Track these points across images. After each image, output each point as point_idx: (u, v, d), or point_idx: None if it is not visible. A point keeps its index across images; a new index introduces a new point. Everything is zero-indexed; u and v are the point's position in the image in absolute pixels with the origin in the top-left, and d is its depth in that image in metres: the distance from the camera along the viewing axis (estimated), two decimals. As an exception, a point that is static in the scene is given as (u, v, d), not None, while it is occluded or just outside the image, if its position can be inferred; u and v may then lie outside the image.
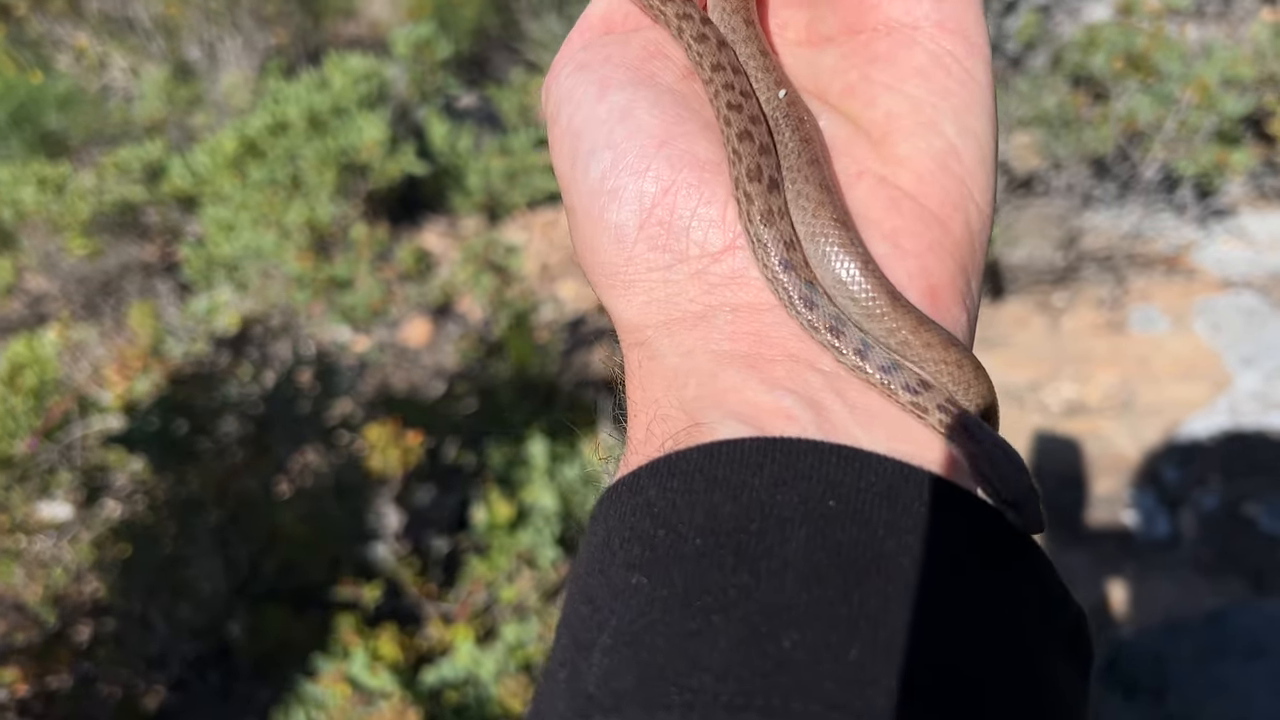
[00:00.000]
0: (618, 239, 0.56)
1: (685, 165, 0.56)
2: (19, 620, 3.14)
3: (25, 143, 6.00)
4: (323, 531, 2.83)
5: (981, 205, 0.57)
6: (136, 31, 7.75)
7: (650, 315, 0.55)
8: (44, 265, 5.37)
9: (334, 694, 2.36)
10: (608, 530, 0.48)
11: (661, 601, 0.43)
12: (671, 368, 0.54)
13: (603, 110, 0.57)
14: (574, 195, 0.58)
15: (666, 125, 0.57)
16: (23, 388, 3.72)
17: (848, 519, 0.45)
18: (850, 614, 0.42)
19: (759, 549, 0.44)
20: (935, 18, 0.56)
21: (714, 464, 0.47)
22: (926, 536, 0.45)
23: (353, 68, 5.66)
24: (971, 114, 0.56)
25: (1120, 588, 2.99)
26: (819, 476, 0.46)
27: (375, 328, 3.95)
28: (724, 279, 0.55)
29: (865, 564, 0.43)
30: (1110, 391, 3.58)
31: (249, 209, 5.00)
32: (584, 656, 0.44)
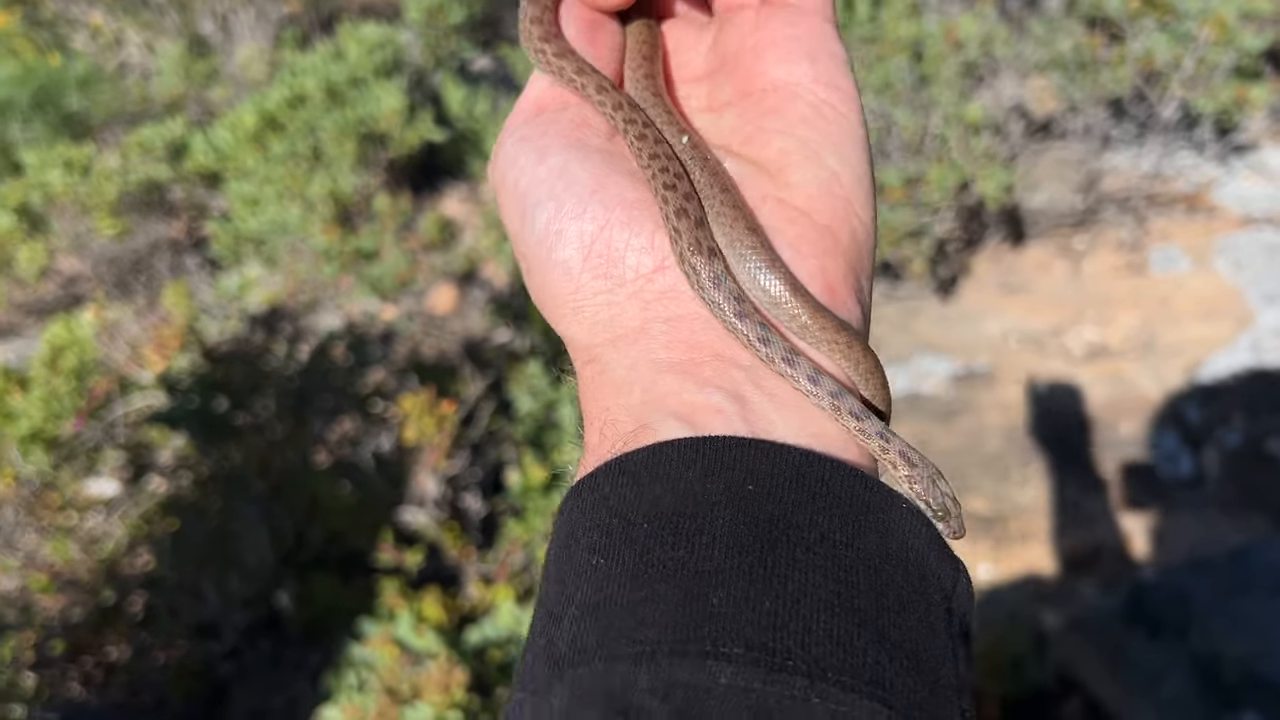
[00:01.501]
0: (565, 273, 0.65)
1: (616, 205, 0.66)
2: (76, 595, 3.26)
3: (49, 125, 6.07)
4: (363, 500, 2.92)
5: (864, 219, 0.68)
6: (150, 7, 7.77)
7: (598, 335, 0.65)
8: (75, 246, 5.45)
9: (382, 656, 2.45)
10: (572, 523, 0.58)
11: (616, 577, 0.53)
12: (619, 379, 0.64)
13: (543, 171, 0.68)
14: (525, 245, 0.68)
15: (597, 177, 0.67)
16: (64, 369, 3.81)
17: (764, 499, 0.54)
18: (765, 574, 0.51)
19: (692, 528, 0.53)
20: (812, 74, 0.69)
21: (656, 462, 0.57)
22: (828, 508, 0.55)
23: (367, 37, 5.68)
24: (847, 147, 0.68)
25: (1144, 528, 3.04)
26: (740, 466, 0.55)
27: (402, 297, 4.01)
28: (657, 295, 0.65)
29: (777, 534, 0.53)
30: (1132, 333, 3.61)
31: (272, 183, 5.06)
32: (556, 626, 0.53)
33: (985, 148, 3.60)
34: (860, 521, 0.55)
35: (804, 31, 0.70)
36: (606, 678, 0.48)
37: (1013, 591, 2.98)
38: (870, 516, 0.56)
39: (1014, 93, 3.93)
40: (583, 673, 0.49)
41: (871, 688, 0.48)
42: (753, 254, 0.65)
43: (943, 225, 3.79)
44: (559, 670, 0.50)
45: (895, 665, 0.50)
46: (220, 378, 3.06)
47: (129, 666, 3.16)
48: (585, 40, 0.73)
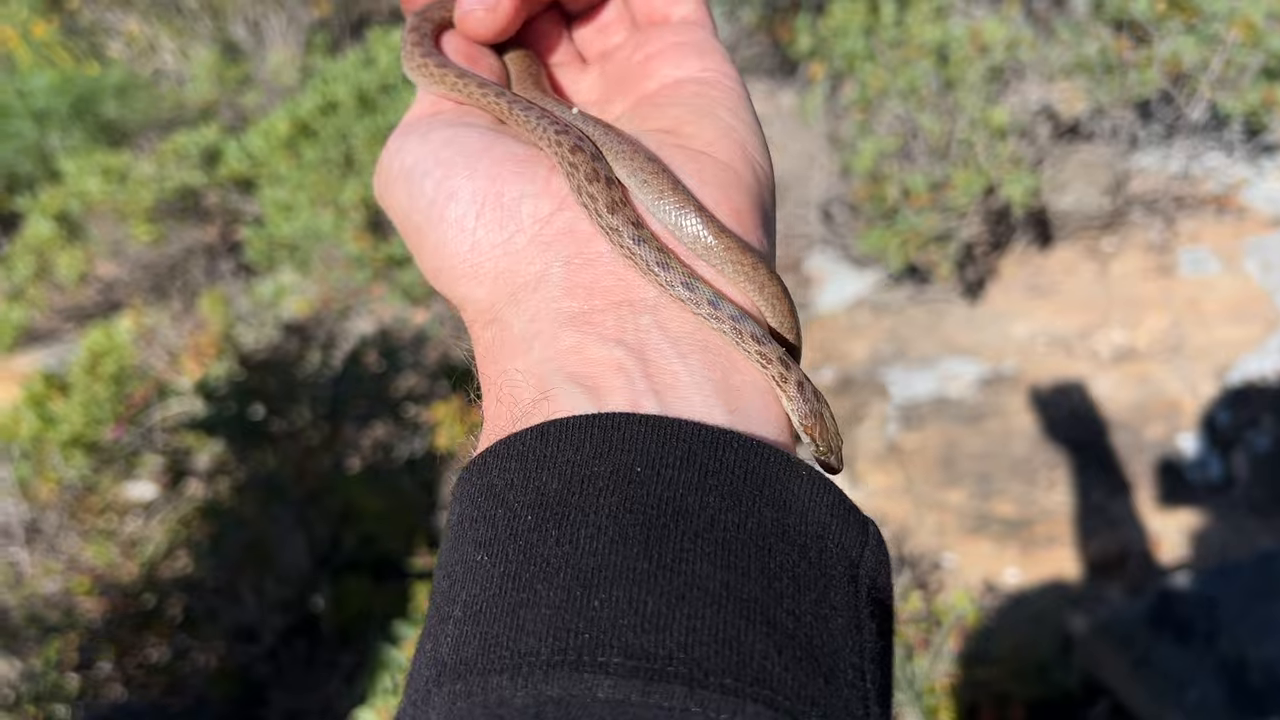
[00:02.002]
0: (460, 230, 0.64)
1: (506, 161, 0.65)
2: (117, 598, 3.33)
3: (86, 132, 6.18)
4: (397, 505, 2.97)
5: (763, 165, 0.69)
6: (184, 13, 7.88)
7: (499, 291, 0.63)
8: (112, 253, 5.55)
9: (416, 660, 2.50)
10: (461, 511, 0.56)
11: (499, 577, 0.50)
12: (518, 335, 0.61)
13: (428, 146, 0.67)
14: (414, 214, 0.66)
15: (485, 141, 0.67)
16: (103, 375, 3.89)
17: (653, 481, 0.51)
18: (650, 568, 0.48)
19: (578, 518, 0.50)
20: (700, 66, 0.71)
21: (544, 444, 0.54)
22: (719, 487, 0.52)
23: (396, 43, 5.73)
24: (739, 107, 0.70)
25: (1171, 532, 3.04)
26: (629, 446, 0.53)
27: (433, 302, 4.07)
28: (556, 234, 0.63)
29: (666, 521, 0.50)
30: (1160, 335, 3.60)
31: (305, 189, 5.13)
32: (442, 628, 0.51)
33: (1011, 152, 3.61)
34: (755, 498, 0.52)
35: (689, 38, 0.73)
36: (484, 692, 0.46)
37: (1039, 595, 2.99)
38: (765, 490, 0.52)
39: (1040, 96, 3.93)
40: (459, 687, 0.47)
41: (756, 687, 0.45)
42: (654, 179, 0.64)
43: (969, 229, 3.80)
44: (439, 680, 0.48)
45: (785, 658, 0.47)
46: (256, 385, 3.12)
47: (168, 668, 3.23)
48: (467, 64, 0.74)
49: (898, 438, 3.44)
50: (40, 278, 5.44)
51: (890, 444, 3.43)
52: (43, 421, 3.81)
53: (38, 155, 6.10)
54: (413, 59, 0.75)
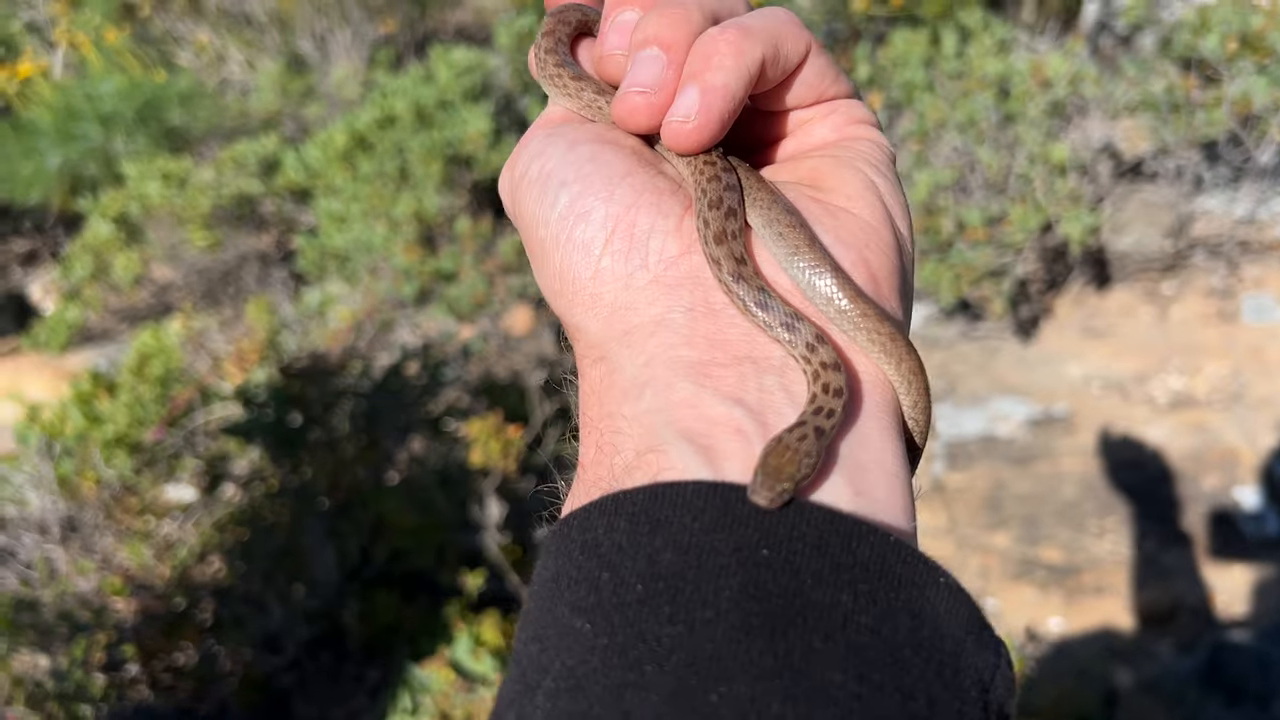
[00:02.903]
0: (585, 254, 0.61)
1: (646, 190, 0.62)
2: (148, 599, 3.33)
3: (150, 138, 6.28)
4: (429, 521, 2.94)
5: (903, 226, 0.65)
6: (253, 26, 8.01)
7: (613, 327, 0.60)
8: (168, 257, 5.62)
9: (438, 679, 2.47)
10: (557, 567, 0.52)
11: (602, 650, 0.46)
12: (630, 378, 0.57)
13: (572, 155, 0.64)
14: (542, 226, 0.63)
15: (629, 165, 0.64)
16: (150, 376, 3.92)
17: (779, 567, 0.47)
18: (775, 665, 0.44)
19: (694, 598, 0.46)
20: (844, 122, 0.68)
21: (657, 506, 0.50)
22: (852, 583, 0.48)
23: (457, 60, 5.77)
24: (882, 165, 0.66)
25: (1225, 587, 2.93)
26: (753, 524, 0.49)
27: (479, 318, 4.06)
28: (679, 280, 0.60)
29: (793, 614, 0.46)
30: (1219, 383, 3.49)
31: (359, 201, 5.16)
32: (529, 698, 0.47)
33: (1071, 189, 3.52)
34: (889, 601, 0.48)
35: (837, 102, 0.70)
36: None
37: (1084, 646, 2.89)
38: (901, 595, 0.48)
39: (1103, 133, 3.85)
40: None
41: None
42: (789, 233, 0.60)
43: (1025, 266, 3.72)
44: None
45: None
46: (296, 393, 3.12)
47: (195, 672, 3.22)
48: None
49: (943, 476, 3.36)
50: (97, 278, 5.52)
51: (935, 483, 3.34)
52: (88, 420, 3.84)
53: (103, 158, 6.21)
54: (545, 67, 0.71)
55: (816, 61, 0.65)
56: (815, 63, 0.65)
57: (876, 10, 4.56)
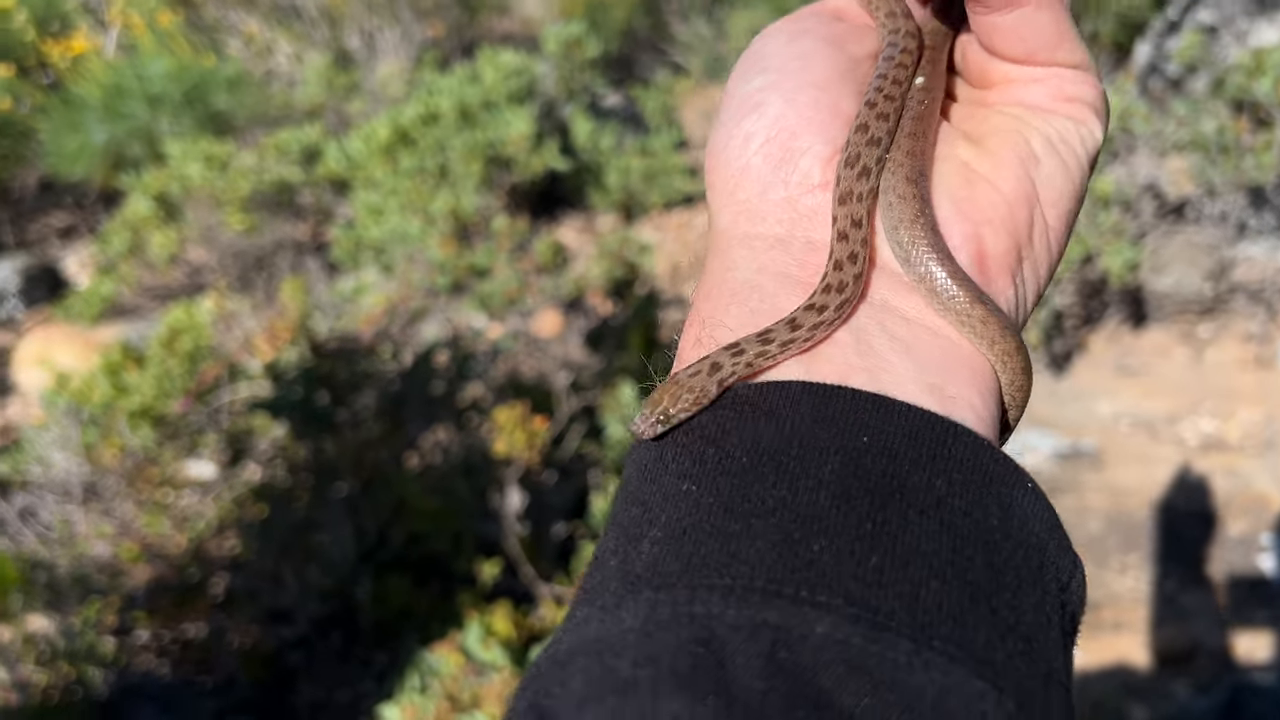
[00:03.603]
0: (743, 144, 0.62)
1: (825, 109, 0.63)
2: (163, 569, 3.34)
3: (196, 120, 6.34)
4: (449, 507, 2.94)
5: (1050, 215, 0.63)
6: (303, 19, 8.09)
7: (739, 226, 0.62)
8: (204, 238, 5.66)
9: (447, 662, 2.45)
10: (660, 447, 0.54)
11: (708, 506, 0.49)
12: (741, 280, 0.60)
13: (791, 47, 0.65)
14: (727, 100, 0.65)
15: (830, 78, 0.64)
16: (179, 351, 3.94)
17: (878, 453, 0.50)
18: (873, 530, 0.47)
19: (797, 469, 0.49)
20: (1057, 96, 0.65)
21: (761, 397, 0.53)
22: (946, 471, 0.50)
23: (504, 63, 5.81)
24: (1061, 146, 0.64)
25: (1247, 632, 2.88)
26: (853, 417, 0.51)
27: (509, 316, 4.06)
28: (809, 211, 0.61)
29: (890, 491, 0.48)
30: (1252, 429, 3.45)
31: (398, 195, 5.19)
32: (634, 547, 0.49)
33: (1114, 223, 3.50)
34: (980, 493, 0.50)
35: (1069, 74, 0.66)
36: (689, 604, 0.45)
37: (1100, 682, 2.85)
38: (991, 489, 0.51)
39: (1149, 171, 3.83)
40: (663, 596, 0.46)
41: (981, 666, 0.44)
42: (900, 203, 0.61)
43: (1062, 298, 3.69)
44: (634, 589, 0.47)
45: (1007, 647, 0.46)
46: (325, 372, 3.12)
47: (204, 644, 3.22)
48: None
49: (965, 502, 3.33)
50: (133, 254, 5.57)
51: (957, 508, 3.32)
52: (116, 390, 3.86)
53: (147, 138, 6.27)
54: None
55: (1039, 15, 0.61)
56: (1038, 15, 0.61)
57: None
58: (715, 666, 0.43)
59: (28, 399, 5.02)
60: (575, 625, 0.48)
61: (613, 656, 0.44)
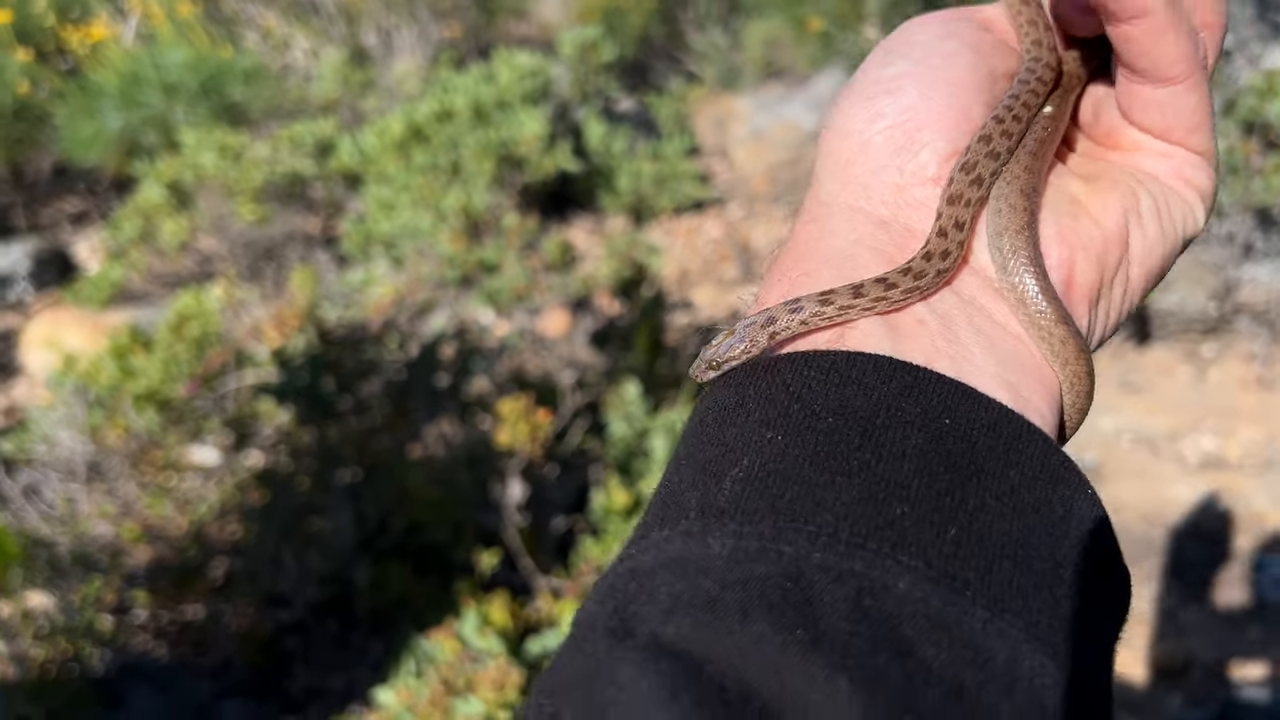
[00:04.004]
0: (870, 120, 0.64)
1: (956, 112, 0.64)
2: (164, 550, 3.36)
3: (211, 111, 6.37)
4: (450, 497, 2.95)
5: (1135, 274, 0.66)
6: (320, 15, 8.13)
7: (844, 197, 0.64)
8: (215, 227, 5.69)
9: (443, 649, 2.46)
10: (741, 394, 0.55)
11: (794, 456, 0.50)
12: (836, 248, 0.62)
13: (937, 44, 0.67)
14: (863, 76, 0.67)
15: (967, 83, 0.66)
16: (187, 336, 3.96)
17: (958, 437, 0.52)
18: (952, 504, 0.49)
19: (882, 438, 0.51)
20: (1176, 174, 0.67)
21: (850, 366, 0.54)
22: (1020, 464, 0.52)
23: (520, 64, 5.83)
24: (1164, 218, 0.66)
25: (1242, 648, 2.89)
26: (938, 400, 0.53)
27: (515, 313, 4.08)
28: (916, 201, 0.63)
29: (968, 473, 0.50)
30: (1253, 449, 3.46)
31: (409, 191, 5.21)
32: (715, 483, 0.50)
33: (1121, 239, 3.51)
34: (1048, 491, 0.52)
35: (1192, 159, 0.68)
36: (776, 541, 0.47)
37: (1092, 693, 2.85)
38: (1057, 489, 0.53)
39: (1158, 189, 3.84)
40: (749, 529, 0.47)
41: (1046, 646, 0.47)
42: (1008, 212, 0.63)
43: (1066, 312, 3.70)
44: (721, 520, 0.48)
45: (1066, 632, 0.48)
46: (332, 359, 3.14)
47: (202, 627, 3.24)
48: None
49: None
50: (144, 241, 5.59)
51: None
52: (122, 373, 3.88)
53: (162, 126, 6.31)
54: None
55: (1188, 96, 0.63)
56: (1187, 96, 0.63)
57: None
58: (804, 602, 0.44)
59: (34, 380, 5.04)
60: (655, 544, 0.49)
61: (700, 575, 0.46)
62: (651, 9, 8.23)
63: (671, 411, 3.31)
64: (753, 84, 7.40)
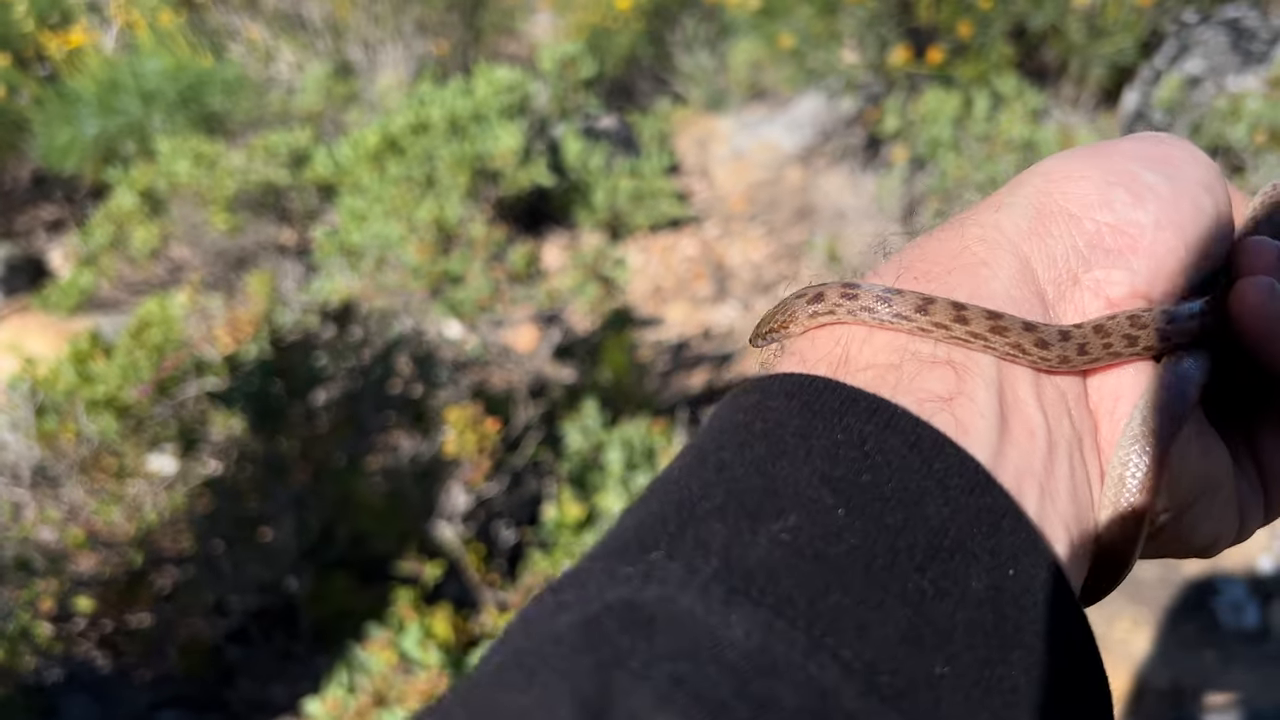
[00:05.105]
0: (1097, 203, 0.57)
1: (1174, 261, 0.57)
2: (109, 556, 3.30)
3: (189, 120, 6.35)
4: (396, 506, 2.91)
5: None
6: (306, 29, 8.13)
7: (1025, 244, 0.56)
8: (188, 236, 5.66)
9: (378, 661, 2.42)
10: (807, 422, 0.47)
11: (848, 547, 0.43)
12: (991, 287, 0.54)
13: (1194, 193, 0.59)
14: (1119, 154, 0.60)
15: (1196, 248, 0.58)
16: (147, 343, 3.92)
17: (1014, 597, 0.45)
18: (989, 681, 0.43)
19: (945, 568, 0.44)
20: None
21: (937, 454, 0.47)
22: (1055, 653, 0.46)
23: (498, 78, 5.83)
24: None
25: (1195, 673, 2.85)
26: (1012, 543, 0.46)
27: (480, 325, 4.05)
28: (1080, 306, 0.56)
29: (1010, 645, 0.44)
30: (1216, 474, 3.43)
31: (383, 202, 5.19)
32: (750, 528, 0.43)
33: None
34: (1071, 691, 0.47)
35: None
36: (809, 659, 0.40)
37: None
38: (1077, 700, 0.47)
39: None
40: (782, 626, 0.41)
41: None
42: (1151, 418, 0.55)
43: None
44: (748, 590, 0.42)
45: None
46: (283, 364, 3.10)
47: (144, 636, 3.18)
48: None
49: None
50: (115, 247, 5.56)
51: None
52: (80, 378, 3.83)
53: (140, 134, 6.28)
54: None
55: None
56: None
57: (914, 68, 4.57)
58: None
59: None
60: (660, 576, 0.42)
61: (712, 664, 0.39)
62: (640, 30, 8.25)
63: (630, 425, 3.27)
64: (738, 106, 7.41)
